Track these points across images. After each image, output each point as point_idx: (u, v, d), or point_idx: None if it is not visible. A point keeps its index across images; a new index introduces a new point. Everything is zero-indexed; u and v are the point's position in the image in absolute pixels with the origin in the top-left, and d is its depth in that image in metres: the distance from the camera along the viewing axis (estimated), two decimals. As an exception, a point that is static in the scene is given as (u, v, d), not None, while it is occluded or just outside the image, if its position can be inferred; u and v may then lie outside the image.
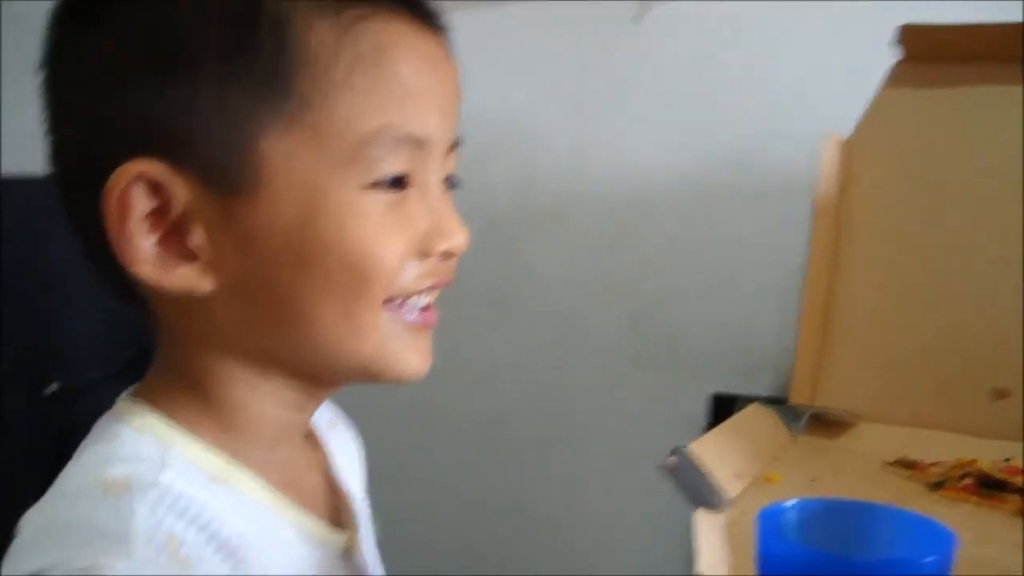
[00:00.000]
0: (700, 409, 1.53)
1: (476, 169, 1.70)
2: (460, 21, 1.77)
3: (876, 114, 1.28)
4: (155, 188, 0.57)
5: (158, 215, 0.58)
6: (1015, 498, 1.00)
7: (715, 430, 1.10)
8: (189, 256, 0.59)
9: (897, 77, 1.29)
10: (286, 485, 0.65)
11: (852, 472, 1.10)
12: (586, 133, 1.66)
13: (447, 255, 0.64)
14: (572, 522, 1.71)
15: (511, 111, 1.70)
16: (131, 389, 0.65)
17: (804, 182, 1.31)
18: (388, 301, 0.62)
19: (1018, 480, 1.02)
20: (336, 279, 0.59)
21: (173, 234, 0.58)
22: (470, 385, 1.75)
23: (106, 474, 0.57)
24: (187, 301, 0.60)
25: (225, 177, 0.57)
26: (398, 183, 0.61)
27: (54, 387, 1.05)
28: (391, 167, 0.60)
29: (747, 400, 1.27)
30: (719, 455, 1.06)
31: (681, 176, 1.61)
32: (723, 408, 1.46)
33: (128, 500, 0.55)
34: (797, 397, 1.24)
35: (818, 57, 1.54)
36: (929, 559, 0.62)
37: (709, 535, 0.81)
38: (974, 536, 0.93)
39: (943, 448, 1.12)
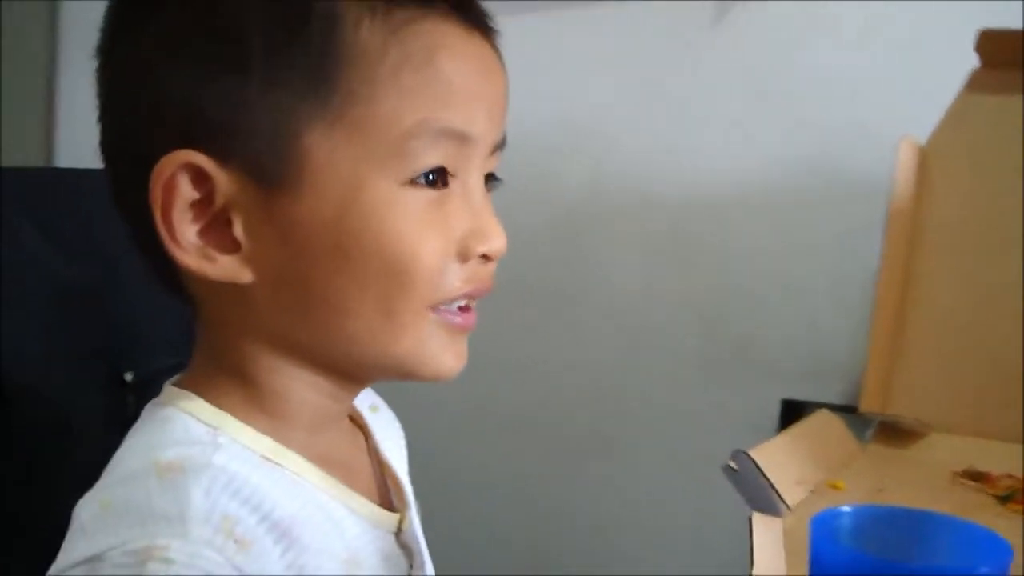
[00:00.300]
0: (770, 415, 1.52)
1: (547, 169, 1.72)
2: (536, 22, 1.79)
3: (954, 120, 1.27)
4: (200, 178, 0.59)
5: (202, 205, 0.59)
6: (1084, 513, 0.99)
7: (779, 436, 1.10)
8: (231, 247, 0.60)
9: (975, 83, 1.27)
10: (333, 467, 0.65)
11: (919, 482, 1.09)
12: (659, 135, 1.65)
13: (486, 258, 0.65)
14: (632, 525, 1.70)
15: (585, 112, 1.69)
16: (175, 378, 0.66)
17: (880, 187, 1.29)
18: (432, 307, 0.63)
19: (1087, 496, 1.00)
20: (374, 276, 0.60)
21: (216, 224, 0.60)
22: (535, 385, 1.76)
23: (160, 458, 0.58)
24: (228, 291, 0.61)
25: (268, 170, 0.59)
26: (438, 181, 0.61)
27: (129, 377, 1.07)
28: (430, 159, 0.60)
29: (817, 406, 1.27)
30: (782, 461, 1.05)
31: (754, 179, 1.60)
32: (792, 414, 1.45)
33: (183, 481, 0.56)
34: (867, 405, 1.22)
35: (898, 60, 1.52)
36: (984, 570, 0.61)
37: (765, 539, 0.81)
38: (1017, 546, 0.92)
39: (1014, 460, 1.11)
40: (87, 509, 0.57)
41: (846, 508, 0.69)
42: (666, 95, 1.65)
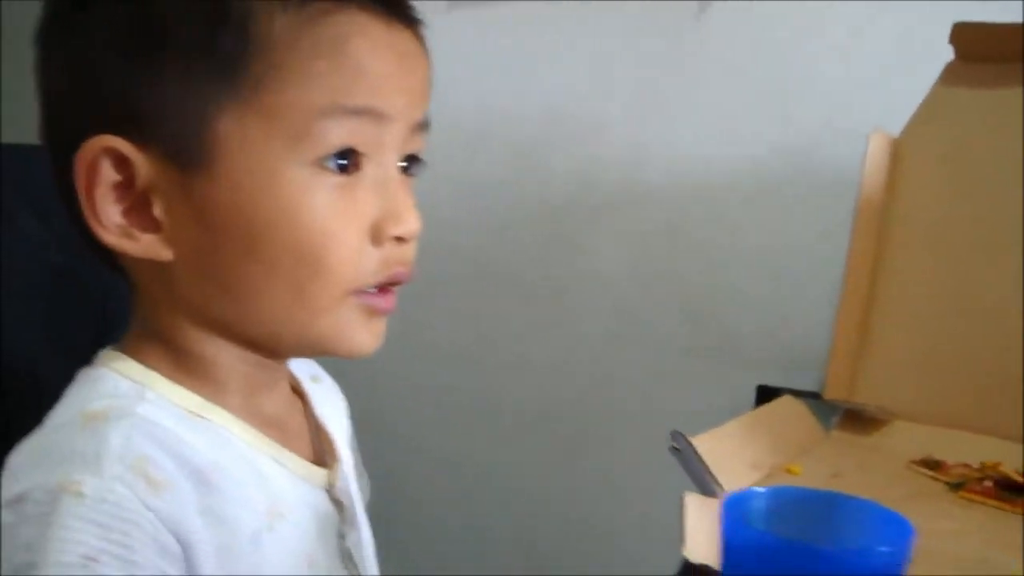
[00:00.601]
0: (750, 401, 1.54)
1: (536, 161, 1.75)
2: (524, 14, 1.81)
3: (927, 113, 1.28)
4: (121, 162, 0.62)
5: (124, 187, 0.63)
6: (1031, 501, 1.00)
7: (738, 419, 1.12)
8: (153, 226, 0.64)
9: (949, 76, 1.28)
10: (266, 426, 0.69)
11: (876, 469, 1.11)
12: (645, 127, 1.67)
13: (399, 241, 0.66)
14: (618, 512, 1.73)
15: (571, 104, 1.72)
16: (111, 346, 0.69)
17: (858, 179, 1.31)
18: (349, 292, 0.65)
19: (1037, 484, 1.02)
20: (286, 261, 0.63)
21: (138, 205, 0.63)
22: (523, 375, 1.79)
23: (86, 408, 0.62)
24: (152, 267, 0.65)
25: (184, 154, 0.62)
26: (349, 165, 0.64)
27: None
28: (338, 139, 0.63)
29: (790, 393, 1.29)
30: (738, 444, 1.08)
31: (737, 171, 1.62)
32: (768, 400, 1.47)
33: (104, 427, 0.60)
34: (832, 392, 1.24)
35: (884, 56, 1.53)
36: (883, 549, 0.64)
37: (698, 520, 0.83)
38: (984, 538, 0.94)
39: (973, 450, 1.12)
40: (16, 457, 0.61)
41: (760, 490, 0.71)
42: (651, 89, 1.67)
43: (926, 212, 1.27)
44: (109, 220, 0.63)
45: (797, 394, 1.27)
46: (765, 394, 1.50)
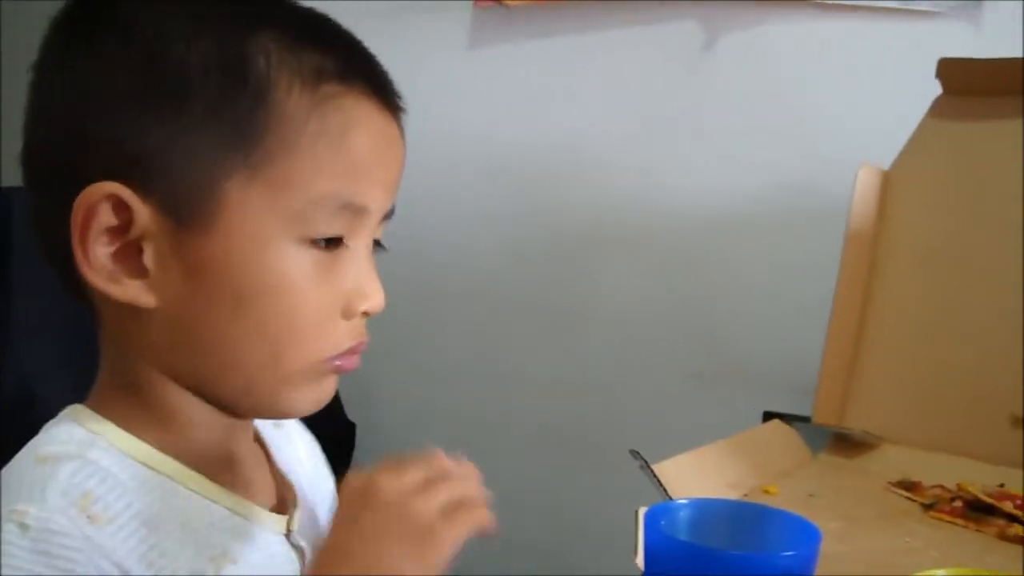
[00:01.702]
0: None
1: (549, 192, 1.82)
2: (534, 49, 1.88)
3: (916, 145, 1.32)
4: (120, 207, 0.64)
5: (117, 231, 0.64)
6: (1000, 522, 1.03)
7: (723, 441, 1.16)
8: (140, 272, 0.64)
9: (937, 110, 1.32)
10: (224, 476, 0.70)
11: (853, 490, 1.14)
12: (655, 159, 1.73)
13: (366, 315, 0.70)
14: (620, 533, 1.76)
15: (583, 137, 1.78)
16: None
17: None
18: (318, 361, 0.68)
19: (1006, 505, 1.05)
20: (269, 323, 0.66)
21: (128, 249, 0.64)
22: (534, 400, 1.85)
23: (39, 451, 0.65)
24: (131, 312, 0.66)
25: (185, 210, 0.64)
26: (332, 244, 0.67)
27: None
28: (330, 228, 0.66)
29: (796, 419, 1.32)
30: (720, 464, 1.13)
31: (746, 201, 1.66)
32: (774, 426, 1.50)
33: (54, 465, 0.63)
34: (821, 417, 1.28)
35: (886, 89, 1.57)
36: (788, 553, 0.68)
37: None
38: (939, 555, 0.97)
39: (955, 472, 1.15)
40: None
41: (683, 501, 0.76)
42: (660, 121, 1.73)
43: (916, 241, 1.31)
44: (98, 262, 0.64)
45: (800, 419, 1.30)
46: (771, 419, 1.54)
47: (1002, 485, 1.10)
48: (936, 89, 1.32)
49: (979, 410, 1.22)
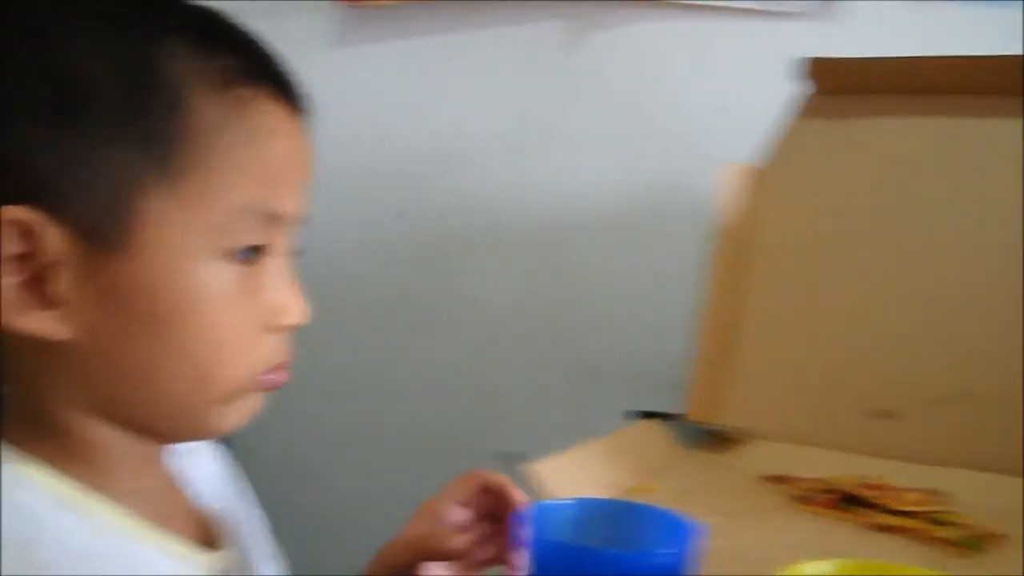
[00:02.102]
0: (619, 423, 1.59)
1: (417, 194, 1.80)
2: (400, 49, 1.85)
3: (788, 143, 1.33)
4: (27, 233, 0.58)
5: (25, 258, 0.59)
6: (867, 512, 1.06)
7: (598, 441, 1.16)
8: (51, 302, 0.59)
9: (807, 108, 1.34)
10: (148, 509, 0.66)
11: (726, 485, 1.15)
12: (523, 160, 1.73)
13: (291, 329, 0.67)
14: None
15: (450, 137, 1.78)
16: None
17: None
18: (246, 381, 0.65)
19: (875, 496, 1.07)
20: (195, 344, 0.62)
21: (38, 278, 0.59)
22: (401, 401, 1.84)
23: None
24: (41, 344, 0.61)
25: (99, 231, 0.59)
26: (252, 256, 0.64)
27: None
28: (251, 239, 0.63)
29: (664, 416, 1.32)
30: (595, 465, 1.12)
31: (614, 201, 1.67)
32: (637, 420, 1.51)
33: None
34: (694, 414, 1.28)
35: (758, 83, 1.59)
36: (663, 550, 0.68)
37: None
38: (814, 546, 0.98)
39: (824, 465, 1.17)
40: None
41: (568, 501, 0.75)
42: (526, 121, 1.74)
43: (787, 238, 1.32)
44: (5, 293, 0.58)
45: (667, 416, 1.31)
46: (634, 416, 1.54)
47: (864, 476, 1.12)
48: (798, 87, 1.34)
49: (845, 405, 1.24)
